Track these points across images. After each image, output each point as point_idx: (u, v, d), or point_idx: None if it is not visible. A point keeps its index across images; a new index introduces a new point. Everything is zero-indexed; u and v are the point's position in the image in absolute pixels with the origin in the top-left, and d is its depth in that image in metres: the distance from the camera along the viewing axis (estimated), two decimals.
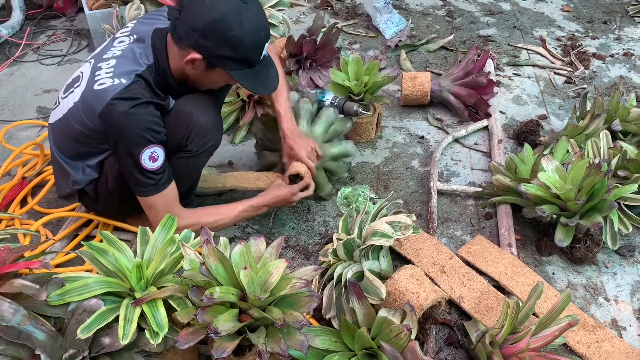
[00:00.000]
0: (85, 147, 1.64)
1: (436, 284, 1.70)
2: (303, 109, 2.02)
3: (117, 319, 1.23)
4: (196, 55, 1.51)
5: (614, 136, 2.12)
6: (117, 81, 1.51)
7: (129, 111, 1.48)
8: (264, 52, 1.59)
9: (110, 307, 1.26)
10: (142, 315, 1.25)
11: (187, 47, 1.52)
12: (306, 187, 1.88)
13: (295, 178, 1.90)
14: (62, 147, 1.68)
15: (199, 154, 1.68)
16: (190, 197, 1.88)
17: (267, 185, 1.92)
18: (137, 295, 1.29)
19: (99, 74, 1.55)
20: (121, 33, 1.67)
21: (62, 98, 1.66)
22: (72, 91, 1.62)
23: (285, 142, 1.89)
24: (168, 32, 1.58)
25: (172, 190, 1.64)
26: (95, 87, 1.52)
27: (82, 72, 1.63)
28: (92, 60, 1.63)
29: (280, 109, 1.89)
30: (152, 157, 1.54)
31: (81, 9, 3.31)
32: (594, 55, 3.08)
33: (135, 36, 1.63)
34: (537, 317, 1.62)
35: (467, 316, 1.67)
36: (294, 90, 2.25)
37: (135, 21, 1.71)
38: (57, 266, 1.80)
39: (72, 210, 1.99)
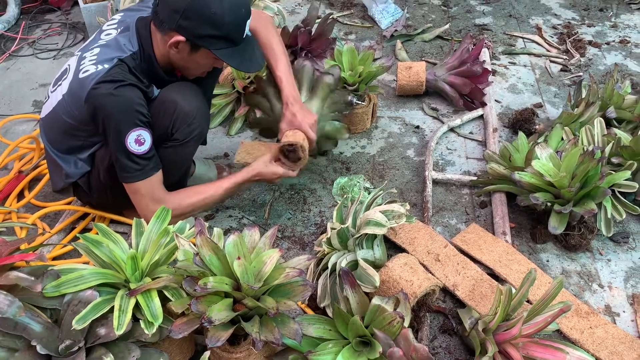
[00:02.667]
0: (75, 140, 1.65)
1: (431, 272, 1.71)
2: (305, 77, 2.00)
3: (112, 309, 1.24)
4: (179, 37, 1.52)
5: (609, 123, 2.13)
6: (100, 67, 1.53)
7: (112, 92, 1.49)
8: (247, 31, 1.58)
9: (105, 298, 1.27)
10: (137, 306, 1.27)
11: (170, 31, 1.52)
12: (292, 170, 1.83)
13: (289, 147, 1.81)
14: (54, 141, 1.69)
15: (186, 143, 1.68)
16: (183, 187, 1.88)
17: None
18: (132, 286, 1.31)
19: (83, 63, 1.56)
20: (108, 25, 1.68)
21: (51, 92, 1.67)
22: (60, 84, 1.63)
23: (287, 109, 1.82)
24: (151, 20, 1.59)
25: (158, 177, 1.63)
26: (80, 75, 1.54)
27: (69, 65, 1.65)
28: (79, 53, 1.64)
29: (281, 74, 1.85)
30: (139, 140, 1.54)
31: (76, 3, 3.31)
32: (590, 43, 3.07)
33: (121, 27, 1.64)
34: (530, 304, 1.63)
35: (461, 304, 1.68)
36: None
37: (122, 13, 1.71)
38: (53, 259, 1.81)
39: (69, 203, 2.00)
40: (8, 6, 3.31)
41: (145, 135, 1.55)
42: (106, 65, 1.53)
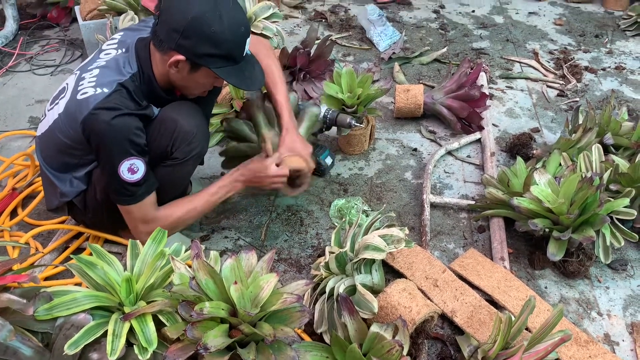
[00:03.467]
0: (71, 159, 1.63)
1: (429, 298, 1.69)
2: (308, 114, 2.00)
3: (105, 334, 1.21)
4: (179, 57, 1.51)
5: (606, 150, 2.13)
6: (99, 90, 1.51)
7: (110, 122, 1.48)
8: (246, 49, 1.58)
9: (98, 321, 1.24)
10: (131, 330, 1.24)
11: (169, 50, 1.52)
12: (286, 177, 1.77)
13: (296, 172, 1.79)
14: (49, 159, 1.67)
15: (186, 161, 1.66)
16: None
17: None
18: (126, 309, 1.28)
19: (82, 84, 1.55)
20: (107, 45, 1.67)
21: (48, 110, 1.66)
22: (57, 102, 1.62)
23: (288, 135, 1.80)
24: (150, 40, 1.58)
25: (150, 199, 1.63)
26: (78, 96, 1.53)
27: (67, 84, 1.64)
28: (78, 72, 1.63)
29: (281, 99, 1.84)
30: (131, 169, 1.53)
31: (75, 20, 3.31)
32: (586, 68, 3.10)
33: (122, 48, 1.63)
34: (529, 331, 1.61)
35: (459, 331, 1.66)
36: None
37: (122, 32, 1.71)
38: (46, 279, 1.78)
39: (63, 222, 1.97)
40: (6, 21, 3.31)
41: (139, 164, 1.54)
42: (105, 90, 1.51)
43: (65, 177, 1.68)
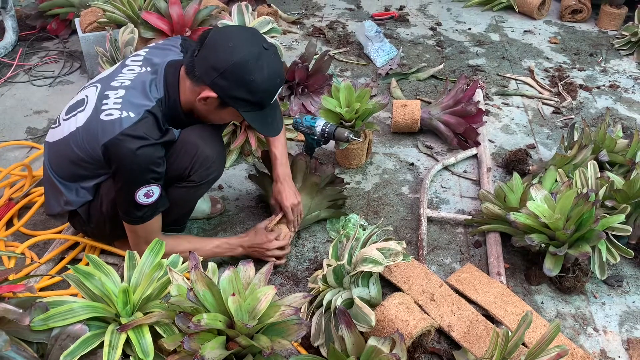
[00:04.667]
0: (82, 170, 1.62)
1: (426, 312, 1.69)
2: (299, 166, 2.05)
3: (101, 345, 1.20)
4: (211, 94, 1.53)
5: (601, 166, 2.15)
6: (125, 114, 1.50)
7: (136, 151, 1.48)
8: (276, 97, 1.63)
9: (95, 332, 1.23)
10: (128, 342, 1.23)
11: (203, 84, 1.53)
12: (282, 248, 1.89)
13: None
14: (58, 167, 1.66)
15: (201, 185, 1.70)
16: (183, 224, 1.87)
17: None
18: (123, 320, 1.27)
19: (107, 103, 1.54)
20: (132, 60, 1.67)
21: (64, 119, 1.63)
22: (75, 115, 1.60)
23: (275, 185, 1.92)
24: (182, 66, 1.59)
25: (157, 220, 1.65)
26: (102, 116, 1.51)
27: (87, 96, 1.61)
28: (99, 85, 1.61)
29: (277, 152, 1.92)
30: (148, 194, 1.55)
31: (74, 32, 3.32)
32: (580, 86, 3.13)
33: (148, 68, 1.63)
34: (526, 347, 1.61)
35: (456, 345, 1.65)
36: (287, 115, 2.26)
37: (147, 49, 1.71)
38: (42, 289, 1.77)
39: (59, 232, 1.97)
40: (6, 33, 3.32)
41: (155, 190, 1.56)
42: (132, 115, 1.50)
43: (72, 185, 1.67)
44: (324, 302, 1.58)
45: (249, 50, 1.50)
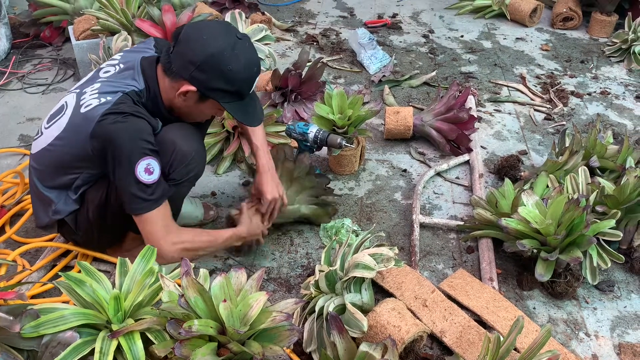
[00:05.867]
0: (68, 177, 1.62)
1: (418, 318, 1.69)
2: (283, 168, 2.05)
3: (92, 352, 1.20)
4: (190, 88, 1.54)
5: (592, 172, 2.16)
6: (103, 99, 1.53)
7: (120, 121, 1.49)
8: (253, 87, 1.64)
9: (85, 339, 1.23)
10: (119, 348, 1.23)
11: (181, 80, 1.55)
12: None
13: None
14: (44, 177, 1.66)
15: (182, 183, 1.68)
16: None
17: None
18: (115, 327, 1.27)
19: (84, 98, 1.56)
20: (107, 64, 1.69)
21: (45, 128, 1.65)
22: (57, 121, 1.61)
23: (258, 176, 1.88)
24: (158, 63, 1.60)
25: (167, 206, 1.62)
26: (82, 110, 1.53)
27: (66, 102, 1.63)
28: (77, 90, 1.64)
29: (257, 142, 1.90)
30: (148, 169, 1.52)
31: (68, 39, 3.33)
32: (572, 93, 3.16)
33: (121, 65, 1.65)
34: (518, 352, 1.61)
35: (448, 351, 1.66)
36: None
37: (122, 53, 1.72)
38: (33, 297, 1.76)
39: (51, 240, 1.96)
40: None
41: (154, 164, 1.54)
42: (109, 98, 1.53)
43: (60, 194, 1.67)
44: (316, 308, 1.58)
45: (223, 40, 1.52)
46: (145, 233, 1.60)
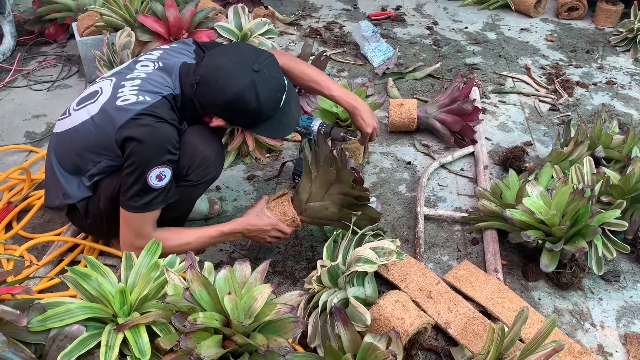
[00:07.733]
0: (86, 163, 1.63)
1: (423, 310, 1.69)
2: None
3: (99, 345, 1.21)
4: (219, 122, 1.63)
5: (597, 162, 2.15)
6: (141, 98, 1.55)
7: (153, 125, 1.51)
8: (283, 100, 1.65)
9: (92, 333, 1.24)
10: (125, 342, 1.24)
11: (210, 113, 1.62)
12: (284, 232, 1.78)
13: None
14: (63, 158, 1.67)
15: (198, 185, 1.70)
16: (181, 225, 1.87)
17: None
18: (120, 320, 1.28)
19: (122, 91, 1.58)
20: (145, 58, 1.70)
21: (75, 110, 1.65)
22: (88, 105, 1.62)
23: (350, 112, 1.97)
24: (194, 72, 1.62)
25: (154, 214, 1.63)
26: (118, 102, 1.55)
27: (101, 88, 1.64)
28: (113, 79, 1.65)
29: (335, 93, 1.94)
30: (160, 176, 1.55)
31: (72, 36, 3.34)
32: (577, 83, 3.14)
33: (160, 64, 1.66)
34: (523, 342, 1.61)
35: (453, 342, 1.66)
36: None
37: (161, 50, 1.74)
38: (41, 291, 1.78)
39: (58, 234, 1.98)
40: (4, 38, 3.33)
41: (167, 173, 1.56)
42: (148, 98, 1.55)
43: (74, 179, 1.67)
44: (320, 303, 1.59)
45: (241, 81, 1.54)
46: (121, 229, 1.64)
